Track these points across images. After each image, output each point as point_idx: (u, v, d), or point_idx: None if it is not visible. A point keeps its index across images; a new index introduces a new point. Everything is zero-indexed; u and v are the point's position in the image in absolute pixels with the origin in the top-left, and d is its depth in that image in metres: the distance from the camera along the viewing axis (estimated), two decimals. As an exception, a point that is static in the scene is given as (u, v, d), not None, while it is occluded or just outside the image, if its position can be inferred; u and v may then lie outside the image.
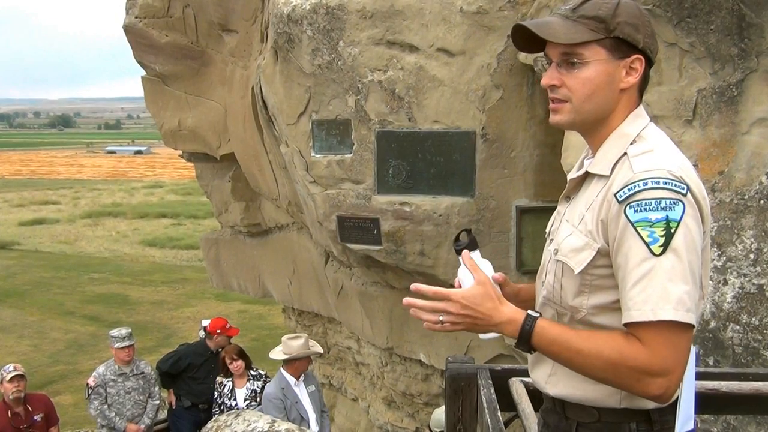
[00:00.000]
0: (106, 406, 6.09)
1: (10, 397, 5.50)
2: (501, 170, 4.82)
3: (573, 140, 4.25)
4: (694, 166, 1.52)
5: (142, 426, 6.30)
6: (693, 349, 1.47)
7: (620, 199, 1.40)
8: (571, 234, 1.52)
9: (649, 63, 1.52)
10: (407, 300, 1.57)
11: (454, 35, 4.63)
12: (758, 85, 3.48)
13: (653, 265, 1.34)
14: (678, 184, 1.37)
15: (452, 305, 1.52)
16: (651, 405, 1.48)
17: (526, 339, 1.47)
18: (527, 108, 4.70)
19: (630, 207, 1.38)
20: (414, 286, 1.57)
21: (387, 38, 4.77)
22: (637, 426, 1.51)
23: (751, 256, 3.32)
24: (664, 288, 1.33)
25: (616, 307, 1.44)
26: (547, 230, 1.70)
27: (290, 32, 5.02)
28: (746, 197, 3.42)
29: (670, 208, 1.35)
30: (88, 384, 6.15)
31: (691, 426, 1.51)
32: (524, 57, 4.51)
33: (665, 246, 1.34)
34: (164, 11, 7.08)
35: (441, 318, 1.53)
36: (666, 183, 1.37)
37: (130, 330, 6.33)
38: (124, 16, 7.42)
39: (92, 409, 6.13)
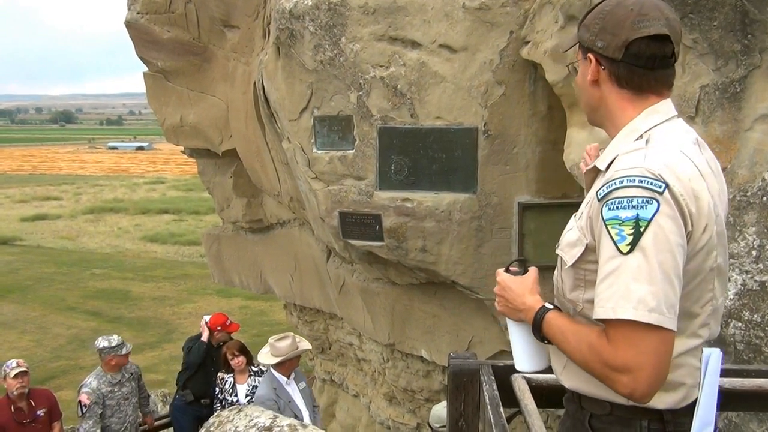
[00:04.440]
0: (98, 429, 5.69)
1: (15, 393, 5.49)
2: (503, 166, 4.81)
3: (575, 137, 4.24)
4: None
5: (154, 416, 6.51)
6: (716, 356, 1.47)
7: (599, 197, 1.42)
8: (571, 229, 1.57)
9: (611, 58, 1.53)
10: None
11: (457, 31, 4.63)
12: (761, 81, 3.47)
13: (619, 263, 1.35)
14: (655, 182, 1.36)
15: (497, 284, 1.72)
16: (660, 405, 1.48)
17: (537, 328, 1.59)
18: (529, 104, 4.70)
19: (605, 205, 1.40)
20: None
21: (389, 34, 4.76)
22: (649, 424, 1.52)
23: (754, 253, 3.31)
24: (627, 287, 1.34)
25: None
26: None
27: (292, 28, 5.01)
28: (749, 194, 3.41)
29: (642, 206, 1.35)
30: (80, 402, 5.65)
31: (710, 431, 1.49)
32: (527, 53, 4.50)
33: (633, 245, 1.34)
34: (166, 7, 7.07)
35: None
36: (642, 181, 1.37)
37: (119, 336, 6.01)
38: (126, 12, 7.42)
39: (82, 430, 5.66)
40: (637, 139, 1.50)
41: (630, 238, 1.34)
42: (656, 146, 1.46)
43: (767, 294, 3.23)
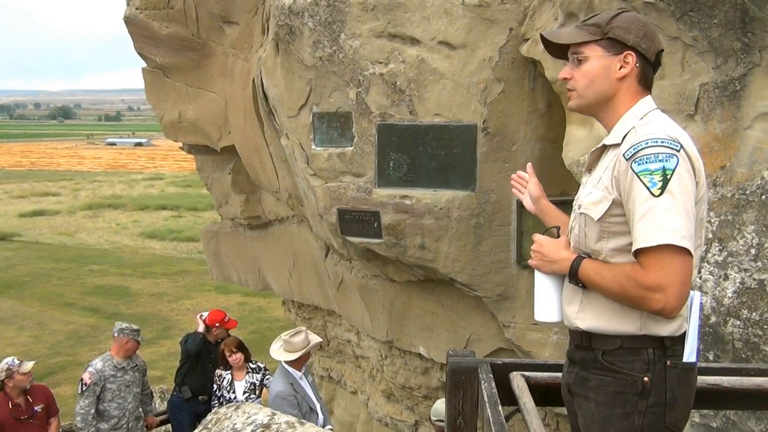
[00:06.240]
0: (93, 410, 5.77)
1: (27, 387, 5.54)
2: (502, 164, 4.81)
3: (574, 134, 4.24)
4: None
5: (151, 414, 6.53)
6: (698, 297, 1.83)
7: (627, 157, 1.76)
8: (591, 192, 1.90)
9: (646, 60, 1.89)
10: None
11: (456, 28, 4.61)
12: (761, 79, 3.47)
13: (654, 204, 1.68)
14: (672, 142, 1.72)
15: (534, 243, 2.03)
16: (664, 332, 1.81)
17: (574, 273, 1.88)
18: (529, 102, 4.69)
19: (635, 162, 1.73)
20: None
21: (388, 31, 4.75)
22: (653, 351, 1.82)
23: (752, 251, 3.31)
24: (662, 220, 1.67)
25: (629, 249, 1.76)
26: (574, 202, 2.03)
27: (291, 24, 5.00)
28: (748, 192, 3.41)
29: (666, 160, 1.70)
30: (82, 380, 5.78)
31: (694, 359, 1.84)
32: (526, 50, 4.50)
33: (663, 189, 1.68)
34: (165, 2, 7.05)
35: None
36: (663, 141, 1.72)
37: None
38: (124, 8, 7.39)
39: (79, 408, 5.74)
40: (641, 119, 1.85)
41: (660, 184, 1.68)
42: (662, 122, 1.82)
43: (766, 292, 3.23)
